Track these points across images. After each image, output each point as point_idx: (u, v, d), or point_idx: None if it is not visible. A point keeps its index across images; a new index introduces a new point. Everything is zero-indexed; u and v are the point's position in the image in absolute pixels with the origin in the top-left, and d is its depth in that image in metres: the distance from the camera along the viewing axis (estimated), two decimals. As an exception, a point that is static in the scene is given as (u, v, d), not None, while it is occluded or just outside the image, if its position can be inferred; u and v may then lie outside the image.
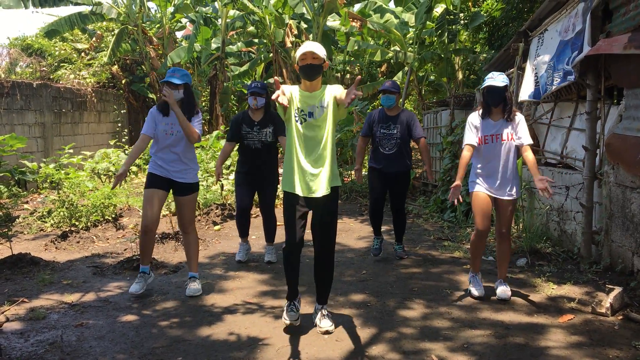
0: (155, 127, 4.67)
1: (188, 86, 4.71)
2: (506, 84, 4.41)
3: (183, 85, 4.65)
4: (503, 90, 4.42)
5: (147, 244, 4.71)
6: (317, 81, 3.84)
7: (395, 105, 5.82)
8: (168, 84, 4.60)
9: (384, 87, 5.77)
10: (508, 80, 4.47)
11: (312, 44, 3.83)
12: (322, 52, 3.78)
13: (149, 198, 4.65)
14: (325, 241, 3.90)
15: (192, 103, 4.73)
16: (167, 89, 4.57)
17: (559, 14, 6.30)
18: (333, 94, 3.81)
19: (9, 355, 3.51)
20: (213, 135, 11.87)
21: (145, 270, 4.78)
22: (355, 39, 14.32)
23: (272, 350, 3.59)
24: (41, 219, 7.97)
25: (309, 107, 3.81)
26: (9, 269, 5.45)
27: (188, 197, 4.77)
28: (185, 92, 4.67)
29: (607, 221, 5.27)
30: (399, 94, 5.80)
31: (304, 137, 3.83)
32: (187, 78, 4.70)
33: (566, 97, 6.46)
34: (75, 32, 16.84)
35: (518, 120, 4.48)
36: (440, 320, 4.12)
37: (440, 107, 10.97)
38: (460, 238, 6.92)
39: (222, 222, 8.04)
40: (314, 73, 3.78)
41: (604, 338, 3.76)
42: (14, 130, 11.56)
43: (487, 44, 13.73)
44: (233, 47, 16.27)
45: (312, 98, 3.83)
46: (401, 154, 5.77)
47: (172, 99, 4.53)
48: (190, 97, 4.74)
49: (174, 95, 4.60)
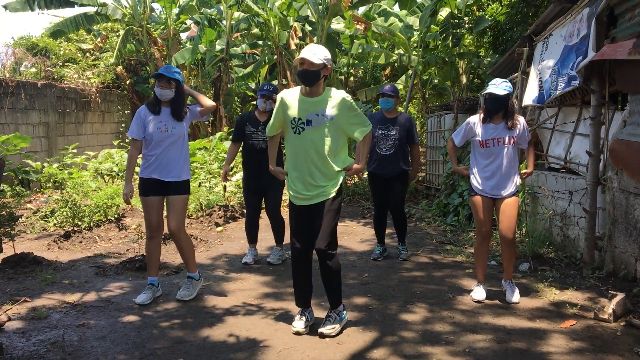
0: (144, 128, 4.55)
1: (179, 84, 4.58)
2: (508, 92, 4.42)
3: (175, 83, 4.53)
4: (504, 99, 4.45)
5: (153, 250, 4.65)
6: (317, 86, 3.74)
7: (394, 108, 5.94)
8: (159, 77, 4.49)
9: (383, 91, 5.91)
10: (511, 88, 4.49)
11: (310, 49, 3.71)
12: (321, 57, 3.67)
13: (147, 206, 4.60)
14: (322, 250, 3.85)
15: (181, 103, 4.60)
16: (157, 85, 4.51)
17: (563, 18, 6.30)
18: (338, 108, 3.74)
19: (10, 354, 3.52)
20: (216, 136, 11.89)
21: (154, 282, 4.70)
22: (359, 42, 14.32)
23: (273, 353, 3.59)
24: (44, 218, 7.98)
25: (308, 114, 3.75)
26: (12, 268, 5.46)
27: (180, 197, 4.61)
28: (177, 91, 4.56)
29: (610, 227, 5.25)
30: (397, 98, 5.91)
31: (301, 147, 3.79)
32: (179, 75, 4.56)
33: (570, 102, 6.45)
34: (81, 33, 16.88)
35: (521, 124, 4.56)
36: (442, 325, 4.11)
37: (443, 110, 10.96)
38: (462, 242, 6.91)
39: (224, 223, 8.04)
40: (309, 79, 3.70)
41: (606, 344, 3.74)
42: (18, 129, 11.59)
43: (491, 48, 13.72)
44: (237, 48, 16.28)
45: (312, 104, 3.75)
46: (396, 155, 5.88)
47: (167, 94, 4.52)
48: (181, 96, 4.61)
49: (166, 95, 4.52)
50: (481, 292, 4.66)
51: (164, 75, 4.48)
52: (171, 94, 4.55)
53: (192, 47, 14.52)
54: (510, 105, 4.49)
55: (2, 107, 11.40)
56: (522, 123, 4.56)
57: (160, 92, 4.52)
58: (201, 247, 6.67)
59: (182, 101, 4.62)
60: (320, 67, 3.68)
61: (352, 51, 14.43)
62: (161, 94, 4.53)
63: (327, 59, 3.72)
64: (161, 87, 4.51)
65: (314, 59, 3.65)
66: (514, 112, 4.54)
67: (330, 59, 3.78)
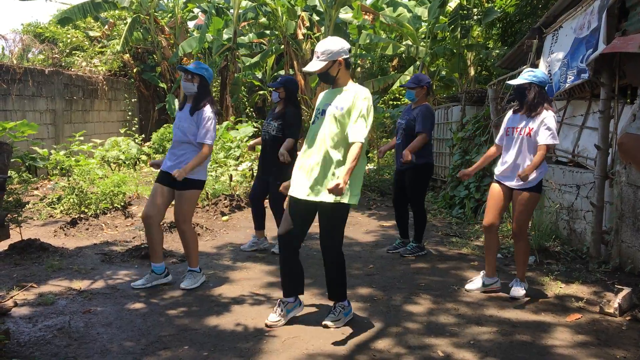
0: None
1: (203, 79, 4.59)
2: (527, 82, 4.40)
3: (198, 78, 4.57)
4: (522, 88, 4.44)
5: (148, 234, 4.60)
6: (336, 80, 3.73)
7: (419, 99, 5.82)
8: (184, 71, 4.57)
9: (403, 84, 6.06)
10: (536, 78, 4.39)
11: (318, 46, 3.70)
12: (323, 58, 3.64)
13: (152, 191, 4.65)
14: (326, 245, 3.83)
15: (200, 97, 4.59)
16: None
17: (574, 11, 6.24)
18: (346, 101, 3.66)
19: (17, 339, 3.54)
20: (223, 126, 11.87)
21: (155, 269, 4.67)
22: (367, 32, 14.23)
23: (278, 342, 3.60)
24: (51, 205, 8.02)
25: (325, 104, 3.77)
26: (19, 254, 5.49)
27: (185, 192, 4.57)
28: (199, 86, 4.58)
29: (617, 221, 5.23)
30: (419, 88, 5.77)
31: (311, 135, 3.79)
32: (204, 71, 4.58)
33: (579, 95, 6.41)
34: (88, 20, 16.87)
35: (542, 118, 4.35)
36: (447, 316, 4.11)
37: (451, 102, 10.91)
38: (468, 234, 6.90)
39: (230, 212, 8.05)
40: (324, 80, 3.79)
41: (611, 338, 3.74)
42: (25, 116, 11.61)
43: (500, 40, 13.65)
44: (244, 38, 16.22)
45: (331, 95, 3.78)
46: (405, 146, 5.74)
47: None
48: (203, 93, 4.60)
49: (187, 88, 4.57)
50: (476, 283, 4.69)
51: (188, 69, 4.56)
52: (193, 88, 4.58)
53: (199, 35, 14.49)
54: (531, 95, 4.42)
55: (10, 93, 11.43)
56: (543, 118, 4.34)
57: (184, 84, 4.60)
58: (207, 236, 6.69)
59: (203, 98, 4.61)
60: (328, 67, 3.68)
61: (360, 42, 14.36)
62: (184, 87, 4.61)
63: (332, 52, 3.64)
64: (185, 79, 4.59)
65: (312, 68, 3.67)
66: (536, 104, 4.39)
67: (338, 51, 3.66)
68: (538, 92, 4.40)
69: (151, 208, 4.55)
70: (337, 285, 3.91)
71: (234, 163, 10.19)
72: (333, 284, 3.92)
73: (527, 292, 4.55)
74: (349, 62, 3.76)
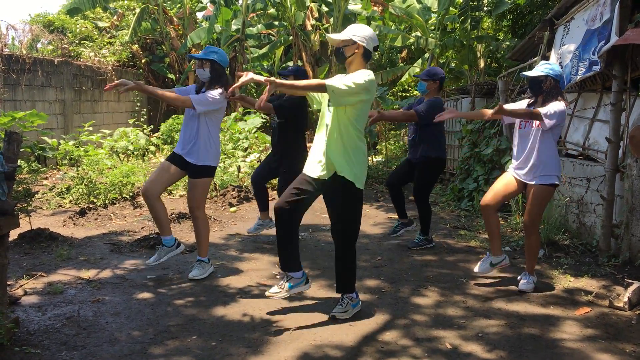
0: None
1: (214, 63, 4.56)
2: (542, 74, 4.36)
3: (209, 63, 4.55)
4: (536, 80, 4.41)
5: (151, 209, 4.56)
6: (348, 64, 3.79)
7: (430, 92, 5.73)
8: (195, 59, 4.62)
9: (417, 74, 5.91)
10: (552, 70, 4.35)
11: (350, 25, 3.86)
12: (348, 34, 3.75)
13: (159, 167, 4.67)
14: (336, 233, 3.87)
15: (213, 81, 4.57)
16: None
17: (586, 2, 6.17)
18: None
19: (26, 328, 3.57)
20: (231, 117, 11.86)
21: (165, 241, 4.67)
22: (376, 24, 14.13)
23: (286, 332, 3.61)
24: (60, 195, 8.06)
25: None
26: (28, 244, 5.53)
27: (197, 180, 4.59)
28: (211, 70, 4.57)
29: (627, 214, 5.19)
30: (431, 81, 5.70)
31: (324, 118, 3.84)
32: (213, 55, 4.56)
33: (591, 88, 6.34)
34: (97, 11, 16.89)
35: (549, 106, 4.29)
36: (454, 309, 4.10)
37: (461, 94, 10.84)
38: (476, 227, 6.87)
39: (238, 204, 8.06)
40: (337, 57, 3.88)
41: (620, 332, 3.72)
42: (34, 106, 11.66)
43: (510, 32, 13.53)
44: (253, 29, 16.17)
45: (342, 78, 3.80)
46: (414, 141, 5.76)
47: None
48: (216, 77, 4.57)
49: (201, 74, 4.58)
50: (484, 263, 4.70)
51: (198, 57, 4.59)
52: (205, 74, 4.58)
53: (208, 26, 14.46)
54: (546, 88, 4.37)
55: (19, 83, 11.48)
56: (553, 104, 4.29)
57: (197, 71, 4.63)
58: (215, 227, 6.71)
59: (216, 82, 4.58)
60: (346, 44, 3.74)
61: (369, 33, 14.26)
62: (198, 73, 4.63)
63: (356, 34, 3.74)
64: (198, 66, 4.62)
65: (334, 36, 3.78)
66: (550, 97, 4.35)
67: (364, 36, 3.74)
68: (553, 86, 4.37)
69: (150, 183, 4.54)
70: (347, 278, 3.91)
71: (242, 154, 10.20)
72: (342, 276, 3.92)
73: (535, 285, 4.52)
74: (369, 53, 3.80)
